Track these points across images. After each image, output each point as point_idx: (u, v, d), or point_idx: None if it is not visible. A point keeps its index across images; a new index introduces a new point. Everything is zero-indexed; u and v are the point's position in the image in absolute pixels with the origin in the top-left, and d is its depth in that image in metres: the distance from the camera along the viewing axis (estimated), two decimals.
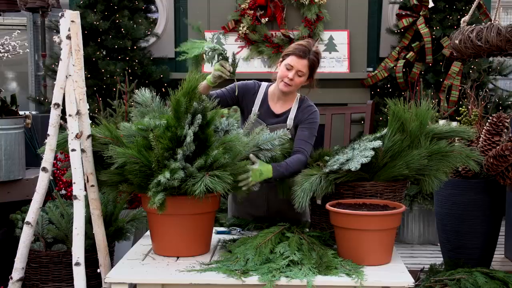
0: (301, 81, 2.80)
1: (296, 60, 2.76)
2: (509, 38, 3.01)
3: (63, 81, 2.44)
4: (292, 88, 2.82)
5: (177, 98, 2.34)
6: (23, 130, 3.71)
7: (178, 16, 5.90)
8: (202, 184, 2.21)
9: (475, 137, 3.16)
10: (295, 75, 2.77)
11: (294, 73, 2.77)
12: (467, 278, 2.75)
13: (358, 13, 5.64)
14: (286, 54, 2.81)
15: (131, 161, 2.28)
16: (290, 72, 2.77)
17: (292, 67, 2.76)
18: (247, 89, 2.92)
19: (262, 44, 5.54)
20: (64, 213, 3.11)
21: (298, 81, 2.79)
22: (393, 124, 2.54)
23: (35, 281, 3.09)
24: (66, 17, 2.41)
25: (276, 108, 2.90)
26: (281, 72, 2.81)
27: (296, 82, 2.79)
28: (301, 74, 2.78)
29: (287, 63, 2.77)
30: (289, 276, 2.15)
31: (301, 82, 2.81)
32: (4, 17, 6.33)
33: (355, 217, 2.26)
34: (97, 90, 5.13)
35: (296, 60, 2.76)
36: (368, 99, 5.50)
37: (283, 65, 2.80)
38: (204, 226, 2.46)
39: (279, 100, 2.90)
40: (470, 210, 3.28)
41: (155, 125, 2.32)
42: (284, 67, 2.79)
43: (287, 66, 2.77)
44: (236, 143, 2.35)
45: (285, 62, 2.79)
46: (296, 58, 2.76)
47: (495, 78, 5.72)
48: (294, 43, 2.86)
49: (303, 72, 2.78)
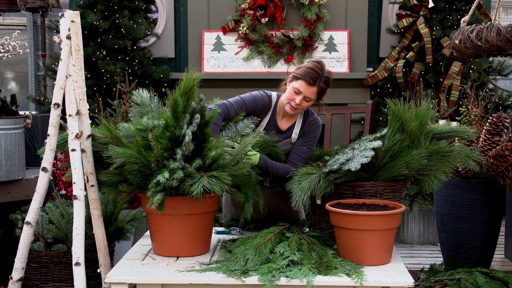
0: (307, 105, 2.76)
1: (305, 86, 2.69)
2: (509, 38, 3.01)
3: (63, 81, 2.44)
4: (298, 111, 2.79)
5: (175, 98, 2.34)
6: (23, 130, 3.71)
7: (178, 16, 5.90)
8: (199, 184, 2.21)
9: (475, 137, 3.16)
10: (302, 100, 2.72)
11: (302, 99, 2.72)
12: (467, 278, 2.75)
13: (358, 13, 5.64)
14: (296, 76, 2.73)
15: (131, 161, 2.28)
16: (297, 97, 2.71)
17: (300, 92, 2.70)
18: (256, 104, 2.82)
19: (262, 44, 5.54)
20: (64, 213, 3.11)
21: (305, 105, 2.75)
22: (393, 124, 2.54)
23: (35, 281, 3.09)
24: (66, 17, 2.41)
25: (282, 124, 2.87)
26: (289, 94, 2.74)
27: (302, 106, 2.74)
28: (309, 100, 2.74)
29: (296, 87, 2.71)
30: (289, 276, 2.15)
31: (307, 106, 2.77)
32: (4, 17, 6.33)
33: (355, 217, 2.26)
34: (97, 90, 5.13)
35: (305, 87, 2.69)
36: (368, 99, 5.50)
37: (292, 87, 2.73)
38: (203, 226, 2.46)
39: (285, 116, 2.87)
40: (470, 210, 3.28)
41: (154, 125, 2.32)
42: (292, 89, 2.72)
43: (295, 90, 2.71)
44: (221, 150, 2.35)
45: (294, 85, 2.71)
46: (306, 85, 2.69)
47: (495, 78, 5.72)
48: (307, 64, 2.75)
49: (311, 98, 2.73)
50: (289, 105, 2.74)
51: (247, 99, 2.81)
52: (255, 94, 2.84)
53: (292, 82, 2.74)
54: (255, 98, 2.82)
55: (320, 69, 2.72)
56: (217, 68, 5.60)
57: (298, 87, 2.70)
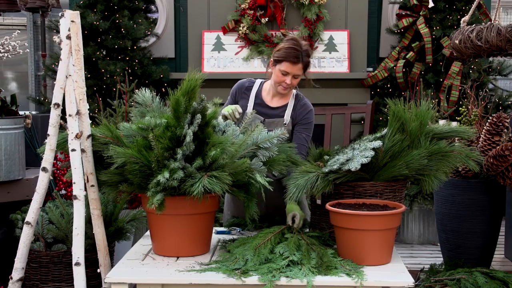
0: (298, 81, 2.89)
1: (290, 66, 2.80)
2: (509, 38, 3.02)
3: (63, 81, 2.44)
4: (292, 89, 2.92)
5: (177, 98, 2.34)
6: (23, 130, 3.71)
7: (178, 16, 5.90)
8: (200, 184, 2.21)
9: (475, 137, 3.16)
10: (291, 79, 2.84)
11: (291, 78, 2.83)
12: (467, 278, 2.75)
13: (358, 13, 5.64)
14: (278, 59, 2.83)
15: (131, 161, 2.28)
16: (286, 78, 2.83)
17: (288, 73, 2.82)
18: (241, 86, 3.01)
19: (262, 44, 5.55)
20: (64, 213, 3.11)
21: (295, 82, 2.87)
22: (393, 124, 2.54)
23: (35, 281, 3.09)
24: (66, 17, 2.41)
25: (272, 102, 2.98)
26: (277, 78, 2.85)
27: (293, 84, 2.87)
28: (297, 76, 2.86)
29: (282, 70, 2.82)
30: (289, 276, 2.15)
31: (298, 82, 2.90)
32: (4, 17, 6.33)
33: (355, 217, 2.26)
34: (97, 90, 5.13)
35: (290, 67, 2.80)
36: (368, 99, 5.50)
37: (278, 70, 2.84)
38: (203, 226, 2.46)
39: (275, 96, 2.98)
40: (470, 210, 3.28)
41: (155, 124, 2.32)
42: (279, 72, 2.83)
43: (282, 72, 2.83)
44: (226, 144, 2.35)
45: (279, 68, 2.83)
46: (291, 65, 2.80)
47: (495, 78, 5.72)
48: (284, 45, 2.85)
49: (299, 74, 2.85)
50: (281, 86, 2.87)
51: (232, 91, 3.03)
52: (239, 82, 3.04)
53: (275, 66, 2.86)
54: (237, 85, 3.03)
55: (299, 45, 2.83)
56: (217, 68, 5.60)
57: (284, 69, 2.82)
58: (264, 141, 2.45)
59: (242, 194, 2.44)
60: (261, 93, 2.98)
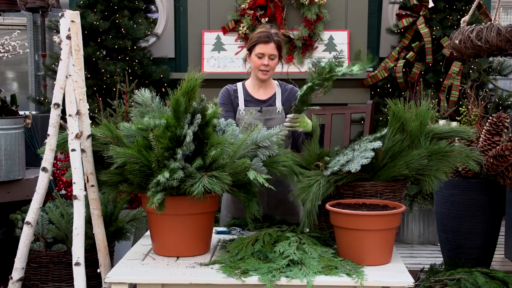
0: (275, 63, 2.99)
1: (264, 46, 2.93)
2: (509, 38, 3.01)
3: (63, 81, 2.44)
4: (270, 73, 3.00)
5: (177, 98, 2.34)
6: (23, 130, 3.71)
7: (178, 16, 5.90)
8: (200, 184, 2.21)
9: (475, 137, 3.16)
10: (268, 59, 2.95)
11: (267, 59, 2.95)
12: (467, 278, 2.75)
13: (358, 13, 5.64)
14: (251, 45, 2.97)
15: (131, 161, 2.28)
16: (263, 60, 2.95)
17: (263, 55, 2.94)
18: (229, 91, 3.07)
19: None
20: (64, 213, 3.11)
21: (273, 64, 2.98)
22: (393, 124, 2.54)
23: (35, 281, 3.09)
24: (66, 17, 2.41)
25: (260, 96, 3.06)
26: (254, 63, 2.98)
27: (271, 65, 2.97)
28: (273, 57, 2.97)
29: (257, 53, 2.95)
30: (289, 276, 2.15)
31: (275, 64, 3.00)
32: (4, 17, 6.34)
33: (355, 217, 2.26)
34: (97, 90, 5.13)
35: (264, 47, 2.93)
36: (368, 99, 5.50)
37: (254, 55, 2.97)
38: (204, 226, 2.46)
39: (260, 88, 3.07)
40: (470, 210, 3.28)
41: (155, 124, 2.32)
42: (256, 57, 2.96)
43: (258, 55, 2.95)
44: (226, 144, 2.34)
45: (255, 52, 2.96)
46: (263, 45, 2.93)
47: (495, 78, 5.72)
48: (254, 34, 3.01)
49: (274, 54, 2.96)
50: (260, 71, 2.98)
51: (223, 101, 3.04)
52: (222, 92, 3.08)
53: (251, 54, 2.99)
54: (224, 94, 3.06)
55: (267, 28, 2.99)
56: (217, 68, 5.60)
57: (258, 51, 2.95)
58: (263, 139, 2.45)
59: (242, 194, 2.44)
60: (247, 91, 3.07)
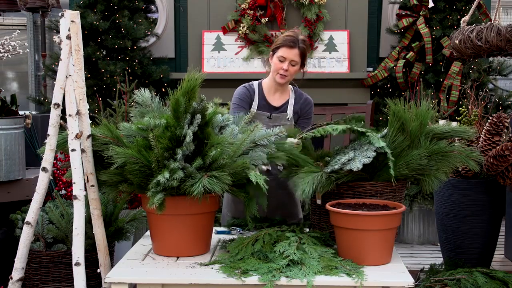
0: (295, 70, 2.92)
1: (287, 51, 2.86)
2: (509, 38, 3.01)
3: (63, 81, 2.44)
4: (288, 79, 2.94)
5: (176, 98, 2.34)
6: (23, 130, 3.71)
7: (178, 16, 5.90)
8: (200, 184, 2.21)
9: (475, 137, 3.16)
10: (289, 65, 2.88)
11: (288, 64, 2.88)
12: (467, 278, 2.75)
13: (358, 13, 5.64)
14: (276, 47, 2.91)
15: (131, 161, 2.28)
16: (284, 64, 2.88)
17: (285, 59, 2.87)
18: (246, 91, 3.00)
19: (262, 44, 5.55)
20: (64, 213, 3.11)
21: (293, 70, 2.91)
22: (393, 124, 2.54)
23: (35, 281, 3.09)
24: (66, 17, 2.41)
25: (274, 102, 3.01)
26: (274, 65, 2.91)
27: (290, 71, 2.90)
28: (294, 63, 2.89)
29: (279, 55, 2.88)
30: (289, 276, 2.15)
31: (295, 71, 2.93)
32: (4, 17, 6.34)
33: (355, 217, 2.26)
34: (97, 90, 5.13)
35: (287, 51, 2.86)
36: (368, 99, 5.50)
37: (276, 57, 2.90)
38: (204, 226, 2.46)
39: (276, 92, 3.01)
40: (470, 210, 3.28)
41: (155, 124, 2.32)
42: (277, 59, 2.89)
43: (280, 58, 2.88)
44: (226, 144, 2.34)
45: (277, 55, 2.89)
46: (287, 49, 2.86)
47: (495, 78, 5.72)
48: (281, 35, 2.94)
49: (296, 61, 2.89)
50: (278, 74, 2.91)
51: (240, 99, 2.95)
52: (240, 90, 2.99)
53: (274, 55, 2.92)
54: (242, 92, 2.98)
55: (295, 33, 2.92)
56: (217, 68, 5.60)
57: (281, 54, 2.88)
58: (261, 138, 2.44)
59: (242, 194, 2.43)
60: (263, 93, 3.01)
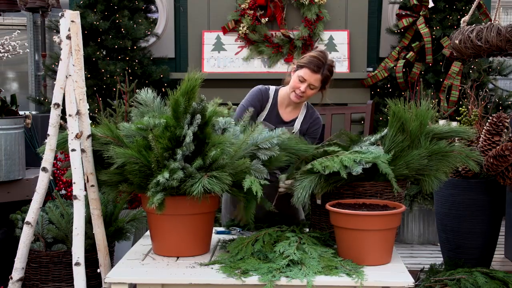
0: (312, 93, 2.84)
1: (309, 74, 2.77)
2: (509, 38, 3.01)
3: (63, 81, 2.44)
4: (303, 99, 2.86)
5: (176, 98, 2.34)
6: (23, 130, 3.71)
7: (178, 16, 5.90)
8: (200, 185, 2.21)
9: (475, 137, 3.16)
10: (307, 87, 2.80)
11: (306, 86, 2.80)
12: (467, 278, 2.75)
13: (358, 13, 5.64)
14: (300, 64, 2.80)
15: (131, 161, 2.28)
16: (302, 85, 2.79)
17: (305, 80, 2.78)
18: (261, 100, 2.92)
19: (262, 44, 5.54)
20: (64, 213, 3.11)
21: (310, 93, 2.83)
22: (393, 124, 2.54)
23: (35, 281, 3.09)
24: (66, 17, 2.41)
25: (285, 115, 2.94)
26: (293, 83, 2.83)
27: (307, 94, 2.82)
28: (313, 87, 2.81)
29: (300, 75, 2.79)
30: (289, 276, 2.15)
31: (312, 94, 2.84)
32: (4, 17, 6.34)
33: (355, 217, 2.26)
34: (97, 90, 5.13)
35: (309, 74, 2.77)
36: (368, 99, 5.50)
37: (296, 75, 2.81)
38: (204, 226, 2.46)
39: (289, 106, 2.94)
40: (470, 210, 3.28)
41: (155, 124, 2.31)
42: (297, 78, 2.80)
43: (300, 78, 2.79)
44: (226, 145, 2.34)
45: (299, 73, 2.80)
46: (310, 72, 2.77)
47: (495, 78, 5.72)
48: (310, 53, 2.84)
49: (315, 86, 2.81)
50: (294, 93, 2.82)
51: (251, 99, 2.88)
52: (255, 91, 2.91)
53: (296, 71, 2.82)
54: (256, 94, 2.90)
55: (324, 57, 2.81)
56: (217, 68, 5.60)
57: (302, 75, 2.78)
58: (264, 141, 2.44)
59: (242, 194, 2.43)
60: (276, 104, 2.93)
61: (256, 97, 2.91)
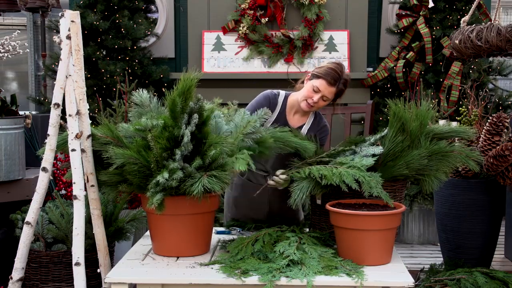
0: (324, 104, 2.82)
1: (325, 85, 2.75)
2: (509, 38, 3.02)
3: (63, 81, 2.44)
4: (313, 109, 2.84)
5: (173, 98, 2.33)
6: (23, 130, 3.71)
7: (178, 16, 5.90)
8: (200, 184, 2.21)
9: (475, 137, 3.16)
10: (320, 99, 2.77)
11: (320, 97, 2.77)
12: (467, 278, 2.75)
13: (358, 13, 5.64)
14: (317, 75, 2.77)
15: (130, 162, 2.28)
16: (316, 95, 2.77)
17: (319, 91, 2.76)
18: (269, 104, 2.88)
19: (262, 44, 5.54)
20: (64, 213, 3.11)
21: (322, 104, 2.81)
22: (393, 124, 2.54)
23: (35, 281, 3.09)
24: (66, 17, 2.41)
25: (292, 122, 2.91)
26: (307, 92, 2.80)
27: (319, 105, 2.80)
28: (326, 99, 2.79)
29: (316, 86, 2.76)
30: (289, 276, 2.15)
31: (323, 105, 2.83)
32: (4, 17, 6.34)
33: (355, 217, 2.26)
34: (97, 90, 5.13)
35: (325, 86, 2.75)
36: (368, 99, 5.50)
37: (311, 84, 2.78)
38: (203, 226, 2.46)
39: (297, 113, 2.91)
40: (470, 210, 3.28)
41: (153, 125, 2.31)
42: (312, 87, 2.77)
43: (315, 88, 2.76)
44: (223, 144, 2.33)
45: (314, 83, 2.76)
46: (326, 84, 2.75)
47: (495, 78, 5.72)
48: (328, 65, 2.81)
49: (328, 98, 2.79)
50: (306, 102, 2.79)
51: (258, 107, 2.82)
52: (262, 99, 2.88)
53: (311, 80, 2.79)
54: (263, 102, 2.86)
55: (341, 70, 2.78)
56: (217, 68, 5.60)
57: (318, 85, 2.75)
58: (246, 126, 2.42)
59: None
60: (285, 110, 2.90)
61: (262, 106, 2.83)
